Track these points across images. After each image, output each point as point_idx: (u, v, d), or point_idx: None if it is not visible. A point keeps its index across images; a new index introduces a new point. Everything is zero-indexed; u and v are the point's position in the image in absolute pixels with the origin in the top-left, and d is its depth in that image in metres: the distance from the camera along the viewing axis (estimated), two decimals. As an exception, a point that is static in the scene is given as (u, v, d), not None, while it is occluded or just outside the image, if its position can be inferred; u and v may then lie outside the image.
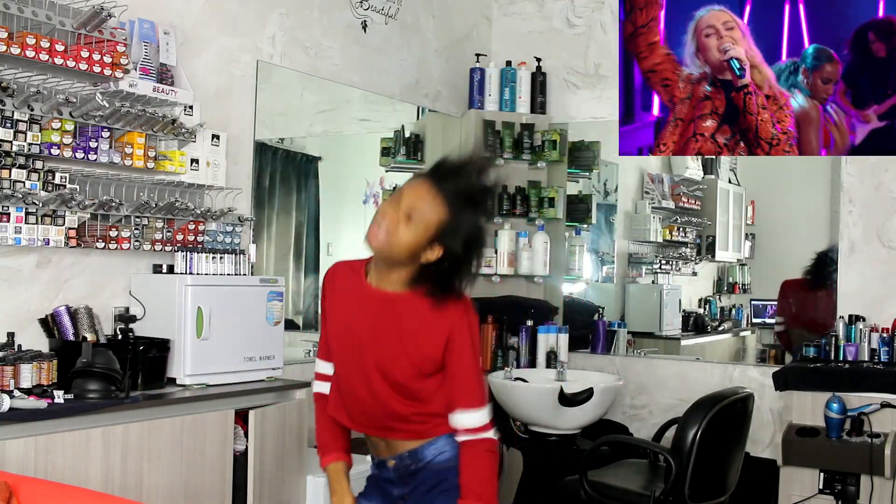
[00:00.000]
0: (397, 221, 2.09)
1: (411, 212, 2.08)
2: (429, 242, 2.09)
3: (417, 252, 2.10)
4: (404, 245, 2.09)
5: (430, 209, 2.08)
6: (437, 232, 2.08)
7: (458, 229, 2.09)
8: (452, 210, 2.08)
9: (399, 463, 2.25)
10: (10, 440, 2.47)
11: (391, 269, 2.16)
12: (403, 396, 2.18)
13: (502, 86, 4.97)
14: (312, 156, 4.53)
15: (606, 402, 4.25)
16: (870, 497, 3.73)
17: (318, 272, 4.53)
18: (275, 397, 3.32)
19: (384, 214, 2.11)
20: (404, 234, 2.08)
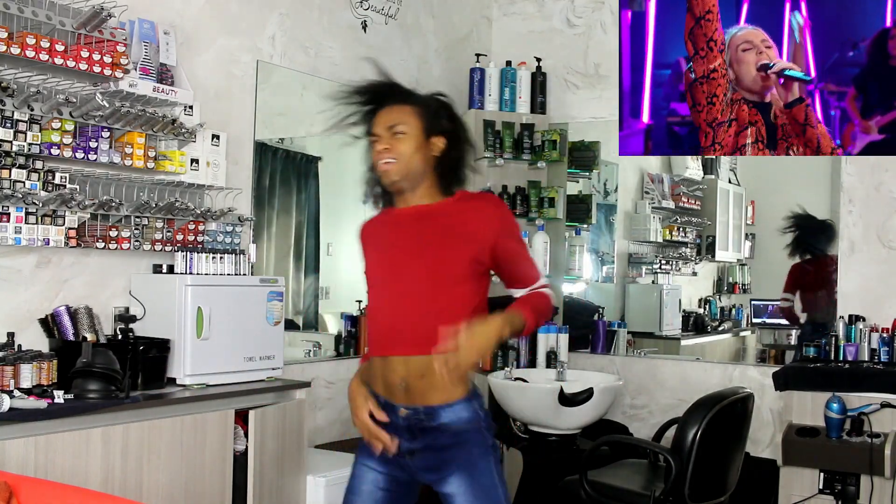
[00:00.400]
0: (392, 143, 2.26)
1: (393, 127, 2.27)
2: (426, 137, 2.28)
3: (425, 152, 2.28)
4: (411, 152, 2.27)
5: (404, 115, 2.29)
6: (424, 123, 2.29)
7: (436, 110, 2.32)
8: (420, 102, 2.32)
9: (412, 415, 2.23)
10: (10, 440, 2.47)
11: (415, 188, 2.30)
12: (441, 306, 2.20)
13: (502, 86, 4.97)
14: (312, 156, 4.53)
15: (606, 402, 4.25)
16: (870, 497, 3.73)
17: (318, 272, 4.53)
18: (275, 397, 3.32)
19: (378, 152, 2.30)
20: (403, 145, 2.27)
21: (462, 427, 2.22)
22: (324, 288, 4.58)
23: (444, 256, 2.23)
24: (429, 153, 2.29)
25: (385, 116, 2.30)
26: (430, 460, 2.24)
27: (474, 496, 2.21)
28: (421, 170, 2.28)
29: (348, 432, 4.23)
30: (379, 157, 2.29)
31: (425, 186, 2.31)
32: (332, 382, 4.17)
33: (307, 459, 3.42)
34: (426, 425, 2.22)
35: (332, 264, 4.58)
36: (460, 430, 2.22)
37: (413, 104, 2.31)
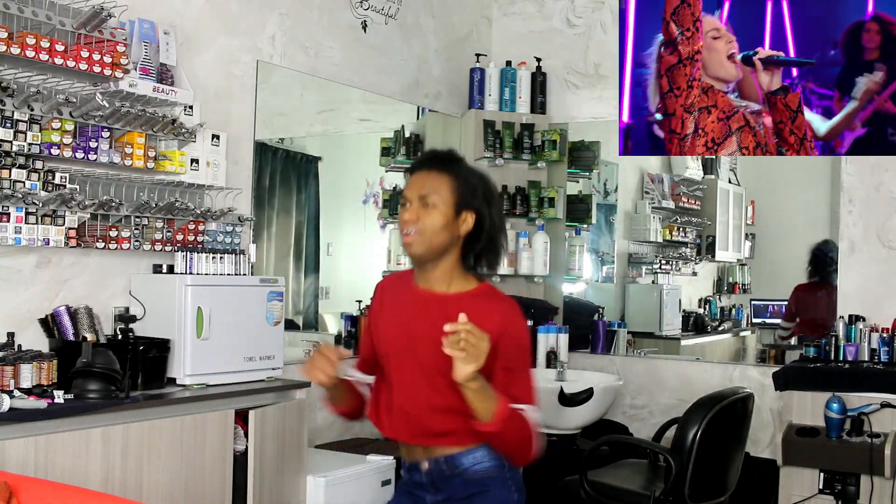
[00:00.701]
0: (419, 215, 2.12)
1: (424, 197, 2.13)
2: (455, 214, 2.14)
3: (452, 229, 2.14)
4: (438, 228, 2.12)
5: (437, 184, 2.14)
6: (456, 198, 2.14)
7: (472, 186, 2.16)
8: (457, 174, 2.16)
9: (433, 467, 2.18)
10: (10, 440, 2.47)
11: (437, 268, 2.17)
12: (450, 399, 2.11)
13: (502, 86, 4.97)
14: (312, 156, 4.53)
15: (606, 402, 4.25)
16: (870, 497, 3.73)
17: (318, 272, 4.54)
18: (275, 397, 3.32)
19: (405, 221, 2.15)
20: (431, 219, 2.12)
21: (484, 474, 2.16)
22: (324, 288, 4.58)
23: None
24: (456, 230, 2.14)
25: (420, 181, 2.16)
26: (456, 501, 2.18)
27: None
28: (445, 247, 2.14)
29: (348, 432, 4.24)
30: (404, 227, 2.15)
31: (447, 264, 2.17)
32: (332, 382, 4.17)
33: (307, 459, 3.42)
34: (447, 474, 2.17)
35: (332, 264, 4.58)
36: (482, 479, 2.16)
37: (451, 174, 2.16)
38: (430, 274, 2.18)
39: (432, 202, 2.12)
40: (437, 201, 2.12)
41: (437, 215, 2.12)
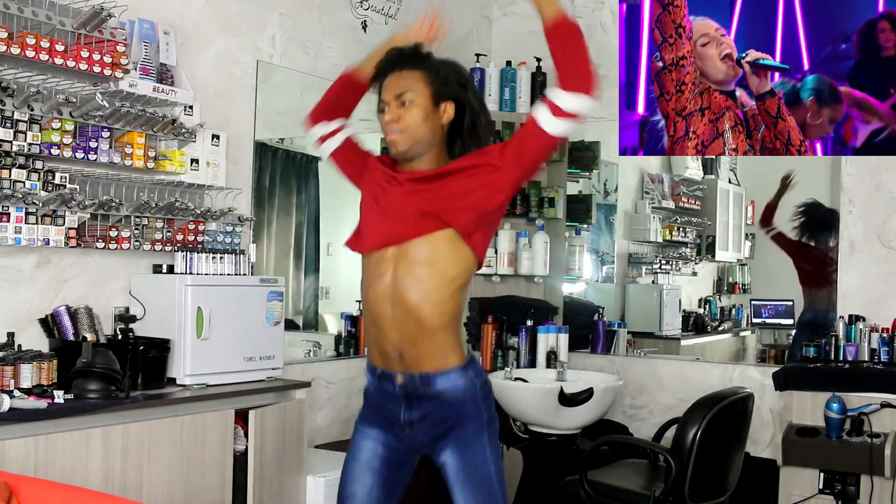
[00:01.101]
0: (399, 114, 2.20)
1: (400, 96, 2.21)
2: (434, 105, 2.21)
3: (433, 121, 2.21)
4: (419, 122, 2.21)
5: (410, 81, 2.23)
6: (432, 91, 2.22)
7: (444, 76, 2.25)
8: (427, 68, 2.25)
9: (408, 382, 2.22)
10: (10, 440, 2.47)
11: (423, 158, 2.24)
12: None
13: (502, 86, 4.96)
14: (312, 156, 4.53)
15: (606, 402, 4.25)
16: (870, 497, 3.73)
17: (318, 272, 4.53)
18: (275, 397, 3.32)
19: (386, 123, 2.22)
20: (412, 115, 2.20)
21: (459, 396, 2.21)
22: (324, 288, 4.58)
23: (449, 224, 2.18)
24: (437, 121, 2.23)
25: (393, 83, 2.24)
26: (426, 431, 2.24)
27: (464, 471, 2.21)
28: (429, 138, 2.23)
29: (348, 432, 4.22)
30: (387, 128, 2.23)
31: (433, 155, 2.25)
32: (332, 382, 4.17)
33: (307, 459, 3.42)
34: (422, 392, 2.21)
35: (332, 264, 4.58)
36: (457, 401, 2.21)
37: (421, 69, 2.24)
38: (416, 166, 2.25)
39: (409, 99, 2.21)
40: (413, 97, 2.21)
41: (415, 110, 2.20)
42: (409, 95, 2.20)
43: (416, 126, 2.20)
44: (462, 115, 2.25)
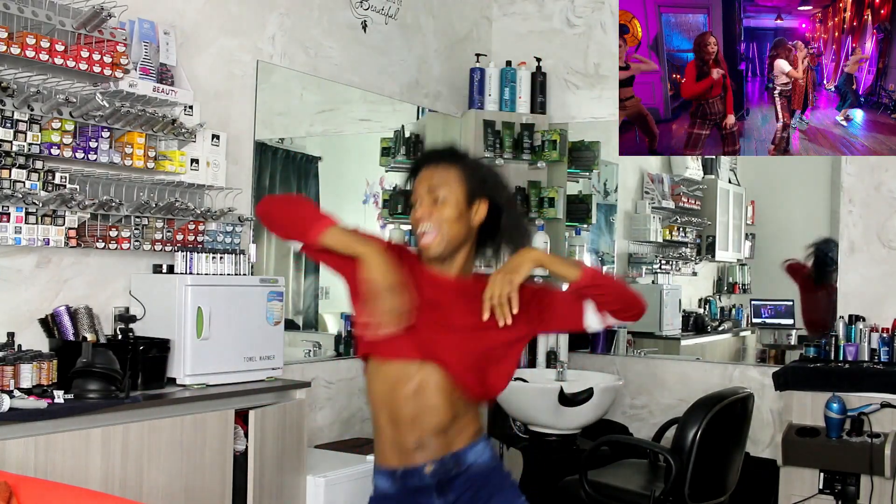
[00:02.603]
0: (431, 211, 2.10)
1: (433, 192, 2.11)
2: (468, 205, 2.11)
3: (466, 220, 2.12)
4: (452, 221, 2.09)
5: (445, 177, 2.11)
6: (466, 189, 2.11)
7: (480, 175, 2.15)
8: (462, 165, 2.14)
9: (440, 468, 2.10)
10: (10, 440, 2.47)
11: (454, 259, 2.15)
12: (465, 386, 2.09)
13: (502, 86, 4.97)
14: (312, 156, 4.53)
15: (606, 402, 4.25)
16: (870, 497, 3.73)
17: (318, 272, 4.53)
18: (275, 397, 3.32)
19: (417, 220, 2.12)
20: (445, 213, 2.10)
21: (486, 467, 2.14)
22: (324, 288, 4.58)
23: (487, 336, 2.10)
24: (470, 221, 2.12)
25: (426, 178, 2.12)
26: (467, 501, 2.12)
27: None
28: (462, 239, 2.12)
29: (348, 432, 4.24)
30: (418, 224, 2.11)
31: (463, 256, 2.15)
32: (332, 382, 4.17)
33: (307, 459, 3.42)
34: (454, 473, 2.11)
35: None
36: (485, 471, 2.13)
37: (457, 165, 2.13)
38: (447, 268, 2.15)
39: (443, 196, 2.10)
40: (447, 194, 2.10)
41: (449, 208, 2.09)
42: (443, 192, 2.09)
43: (449, 225, 2.09)
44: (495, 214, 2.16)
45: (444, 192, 2.09)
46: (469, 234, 2.13)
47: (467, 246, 2.15)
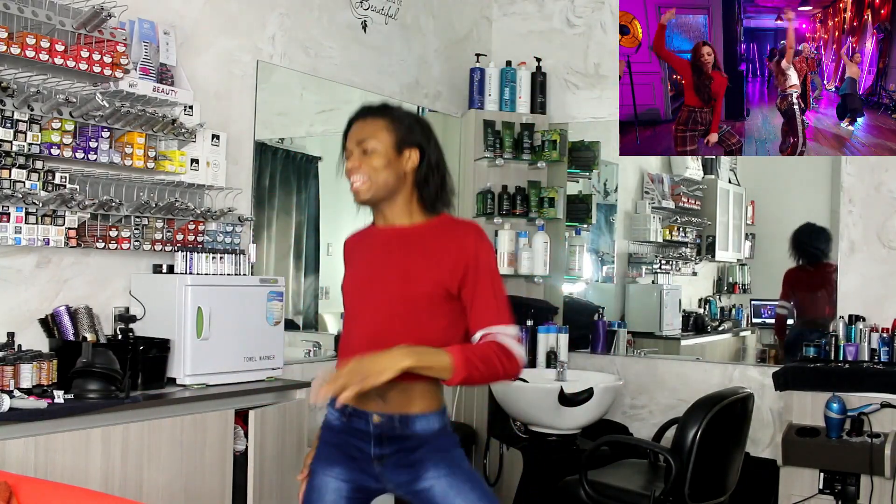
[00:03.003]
0: (360, 162, 2.20)
1: (362, 144, 2.20)
2: (398, 152, 2.21)
3: (397, 169, 2.21)
4: (381, 170, 2.19)
5: (374, 129, 2.21)
6: (395, 140, 2.21)
7: (407, 125, 2.24)
8: (391, 117, 2.23)
9: (386, 422, 2.17)
10: (10, 440, 2.47)
11: (392, 205, 2.24)
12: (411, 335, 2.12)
13: (502, 86, 4.97)
14: (312, 156, 4.53)
15: (606, 402, 4.25)
16: (870, 497, 3.73)
17: (318, 272, 4.54)
18: (275, 397, 3.32)
19: (349, 170, 2.23)
20: (374, 163, 2.20)
21: (430, 434, 2.19)
22: (324, 288, 4.59)
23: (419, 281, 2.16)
24: (401, 168, 2.21)
25: (357, 131, 2.23)
26: (399, 462, 2.18)
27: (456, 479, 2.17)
28: (393, 185, 2.21)
29: (348, 432, 4.23)
30: (348, 175, 2.23)
31: (402, 202, 2.23)
32: (332, 382, 4.17)
33: (307, 459, 3.42)
34: (398, 433, 2.18)
35: (331, 264, 4.58)
36: (429, 437, 2.19)
37: (385, 118, 2.23)
38: (387, 214, 2.26)
39: (371, 147, 2.19)
40: (375, 145, 2.19)
41: (378, 159, 2.19)
42: (372, 143, 2.20)
43: (377, 173, 2.19)
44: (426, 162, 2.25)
45: (373, 144, 2.19)
46: (401, 181, 2.22)
47: (404, 192, 2.23)
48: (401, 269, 2.19)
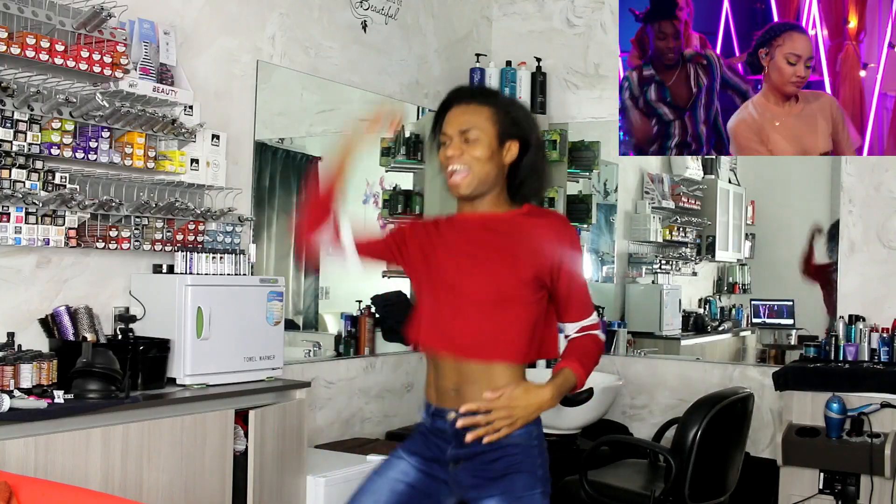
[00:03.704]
0: (462, 151, 2.08)
1: (465, 132, 2.08)
2: (500, 144, 2.09)
3: (497, 160, 2.10)
4: (484, 161, 2.08)
5: (477, 117, 2.09)
6: (499, 130, 2.09)
7: (514, 116, 2.12)
8: (495, 105, 2.12)
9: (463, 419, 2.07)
10: (10, 440, 2.47)
11: (484, 198, 2.13)
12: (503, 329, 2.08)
13: (502, 86, 4.97)
14: (312, 156, 4.53)
15: (606, 402, 4.25)
16: (870, 497, 3.73)
17: (318, 272, 4.54)
18: (275, 397, 3.32)
19: (448, 157, 2.10)
20: (475, 153, 2.07)
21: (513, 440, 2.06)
22: (324, 288, 4.59)
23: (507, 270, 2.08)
24: (501, 160, 2.10)
25: (457, 117, 2.10)
26: (474, 473, 2.08)
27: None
28: (493, 179, 2.10)
29: (348, 432, 4.24)
30: (448, 163, 2.09)
31: (494, 194, 2.13)
32: (332, 382, 4.17)
33: (307, 459, 3.42)
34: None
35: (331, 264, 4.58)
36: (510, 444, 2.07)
37: (489, 105, 2.11)
38: (477, 206, 2.15)
39: (475, 136, 2.07)
40: (479, 134, 2.08)
41: (481, 148, 2.07)
42: (475, 133, 2.07)
43: (482, 163, 2.07)
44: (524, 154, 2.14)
45: (476, 133, 2.07)
46: (500, 174, 2.11)
47: (498, 185, 2.13)
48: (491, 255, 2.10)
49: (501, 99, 2.17)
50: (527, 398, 2.03)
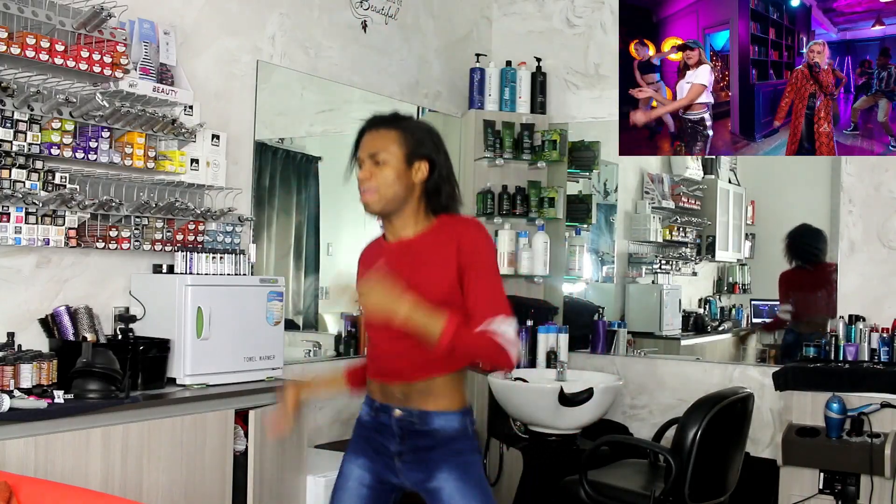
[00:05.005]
0: (372, 173, 2.25)
1: (375, 156, 2.25)
2: (408, 165, 2.26)
3: (406, 181, 2.26)
4: (391, 182, 2.24)
5: (386, 141, 2.26)
6: (406, 151, 2.26)
7: (419, 137, 2.28)
8: (403, 129, 2.28)
9: (405, 416, 2.28)
10: (10, 440, 2.47)
11: (400, 216, 2.29)
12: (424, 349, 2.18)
13: (502, 86, 4.97)
14: (312, 156, 4.53)
15: (606, 402, 4.25)
16: (870, 497, 3.73)
17: (318, 272, 4.54)
18: (275, 397, 3.32)
19: (360, 181, 2.28)
20: (385, 175, 2.24)
21: (449, 434, 2.27)
22: (324, 288, 4.58)
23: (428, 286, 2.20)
24: (410, 180, 2.26)
25: (368, 142, 2.28)
26: (416, 460, 2.28)
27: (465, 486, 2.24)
28: (402, 197, 2.26)
29: (348, 432, 4.22)
30: (360, 185, 2.28)
31: (410, 212, 2.29)
32: (332, 382, 4.17)
33: (307, 459, 3.42)
34: (416, 429, 2.27)
35: (331, 264, 4.58)
36: (447, 437, 2.27)
37: (397, 129, 2.28)
38: (395, 224, 2.31)
39: (383, 159, 2.24)
40: (387, 157, 2.24)
41: (388, 170, 2.24)
42: (384, 156, 2.25)
43: (387, 185, 2.24)
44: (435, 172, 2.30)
45: (385, 156, 2.24)
46: (410, 192, 2.27)
47: (412, 202, 2.28)
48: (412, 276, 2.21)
49: (408, 123, 2.32)
50: (390, 297, 2.13)
